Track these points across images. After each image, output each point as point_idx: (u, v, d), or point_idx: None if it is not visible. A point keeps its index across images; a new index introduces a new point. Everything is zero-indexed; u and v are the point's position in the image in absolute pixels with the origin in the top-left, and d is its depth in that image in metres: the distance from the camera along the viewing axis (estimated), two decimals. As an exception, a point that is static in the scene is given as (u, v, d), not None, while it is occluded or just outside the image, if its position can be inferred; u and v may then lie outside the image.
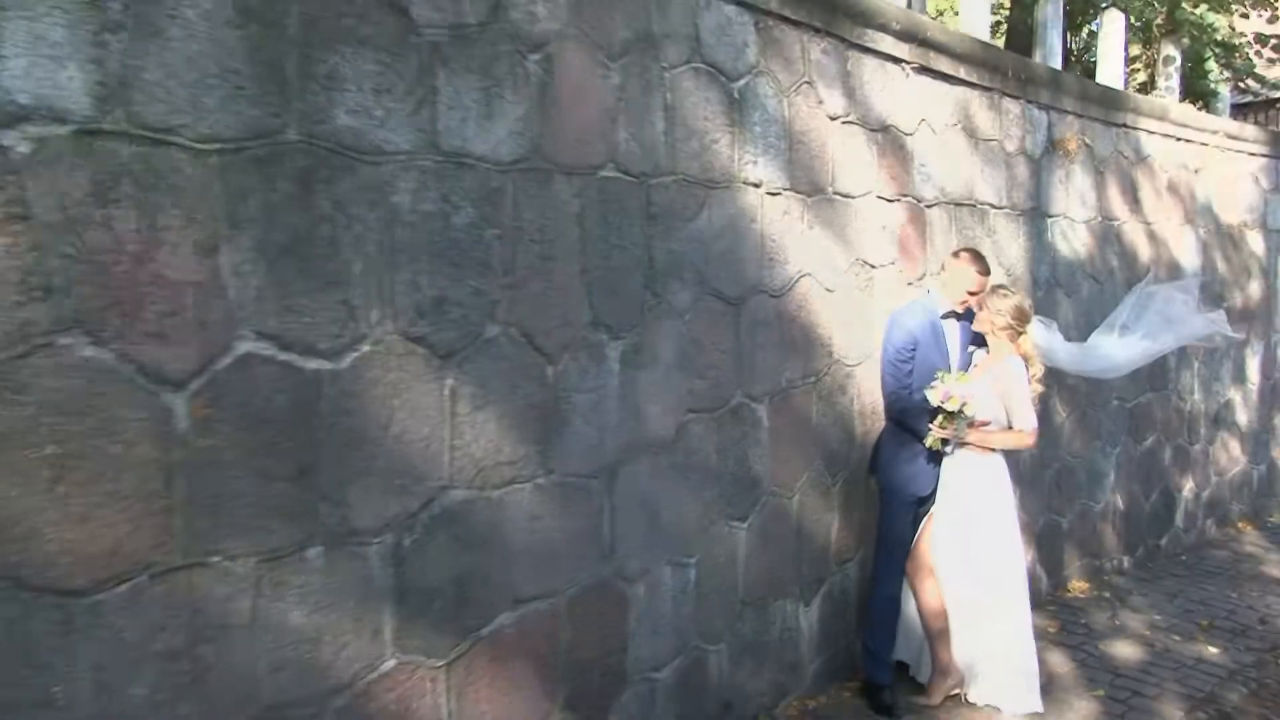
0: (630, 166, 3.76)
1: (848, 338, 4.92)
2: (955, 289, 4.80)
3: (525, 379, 3.40)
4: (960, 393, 4.50)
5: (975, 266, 4.77)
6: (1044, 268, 6.56)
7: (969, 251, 4.85)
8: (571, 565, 3.58)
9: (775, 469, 4.52)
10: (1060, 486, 6.81)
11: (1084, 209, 6.96)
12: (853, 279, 4.95)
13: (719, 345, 4.18)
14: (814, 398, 4.73)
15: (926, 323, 4.81)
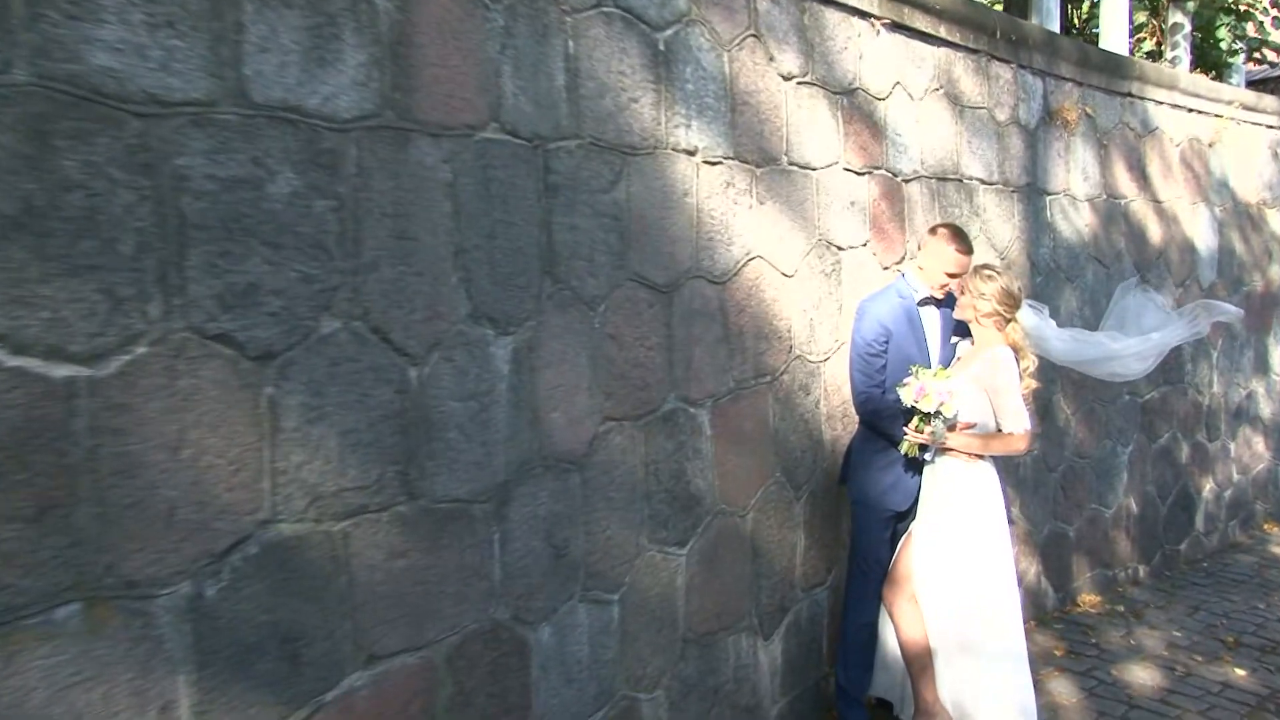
0: (520, 127, 3.05)
1: (811, 329, 4.18)
2: (933, 271, 4.05)
3: (379, 384, 2.69)
4: (937, 390, 3.75)
5: (955, 245, 4.02)
6: (1043, 250, 5.79)
7: (947, 227, 4.10)
8: (450, 609, 2.87)
9: (722, 483, 3.78)
10: (1067, 491, 6.02)
11: (1087, 185, 6.17)
12: (816, 262, 4.21)
13: (645, 341, 3.46)
14: (770, 399, 4.00)
15: (900, 311, 4.06)
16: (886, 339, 4.01)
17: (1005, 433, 3.88)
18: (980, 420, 3.89)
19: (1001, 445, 3.90)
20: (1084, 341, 4.62)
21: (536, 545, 3.10)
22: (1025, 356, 3.96)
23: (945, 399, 3.74)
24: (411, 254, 2.76)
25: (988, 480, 3.96)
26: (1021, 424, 3.85)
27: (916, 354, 4.03)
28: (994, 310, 3.90)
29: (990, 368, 3.84)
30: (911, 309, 4.07)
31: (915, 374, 3.81)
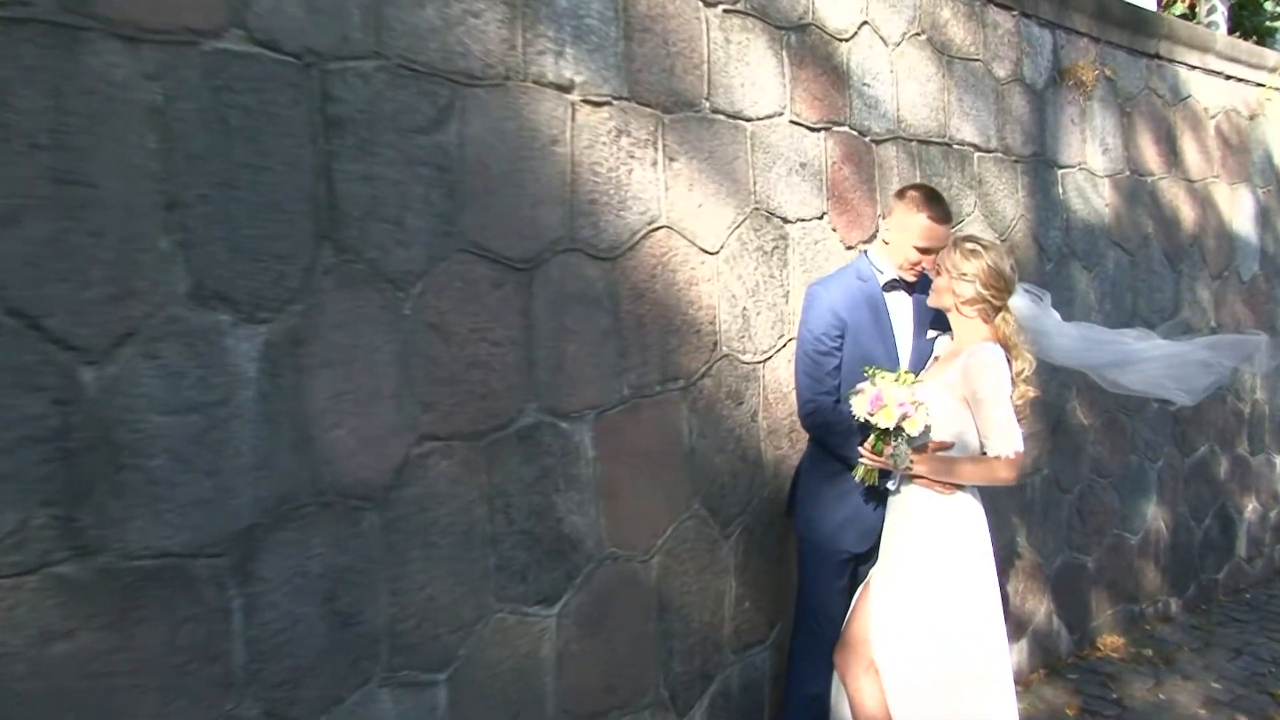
0: (282, 37, 2.11)
1: (745, 322, 3.21)
2: (901, 245, 3.06)
3: (22, 391, 1.78)
4: (898, 400, 2.75)
5: (927, 211, 3.02)
6: (1054, 233, 4.75)
7: (919, 190, 3.10)
8: (154, 709, 1.95)
9: (613, 521, 2.82)
10: (1084, 515, 4.97)
11: (1106, 159, 5.12)
12: (751, 237, 3.23)
13: (487, 333, 2.51)
14: (684, 411, 3.03)
15: (860, 297, 3.07)
16: (841, 332, 3.03)
17: (990, 456, 2.87)
18: (958, 439, 2.89)
19: (984, 473, 2.89)
20: (1098, 340, 3.53)
21: (307, 612, 2.16)
22: (1019, 356, 2.94)
23: (909, 411, 2.75)
24: (81, 207, 1.84)
25: (968, 516, 2.95)
26: (1010, 445, 2.84)
27: (880, 352, 3.04)
28: (978, 296, 2.89)
29: (971, 371, 2.84)
30: (875, 294, 3.08)
31: (871, 378, 2.82)
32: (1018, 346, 2.93)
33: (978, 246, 2.91)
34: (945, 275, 2.93)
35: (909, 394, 2.76)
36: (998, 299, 2.90)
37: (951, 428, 2.88)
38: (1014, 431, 2.83)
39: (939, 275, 2.97)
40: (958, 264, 2.89)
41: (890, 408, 2.74)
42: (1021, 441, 2.84)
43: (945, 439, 2.89)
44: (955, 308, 2.94)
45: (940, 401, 2.86)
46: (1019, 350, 2.93)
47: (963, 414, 2.86)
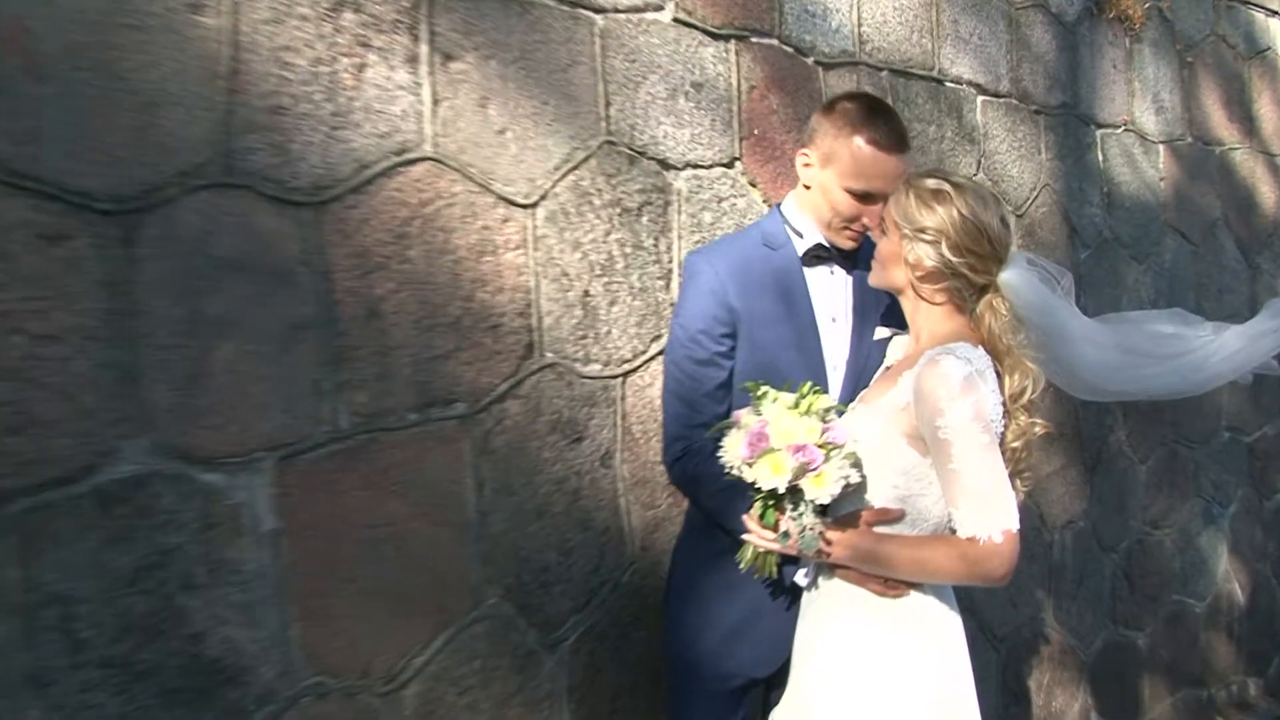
0: None
1: (588, 313, 1.98)
2: (828, 190, 1.80)
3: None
4: (794, 441, 1.51)
5: (867, 131, 1.76)
6: (1091, 210, 3.46)
7: (856, 103, 1.82)
8: None
9: (317, 633, 1.62)
10: (1134, 579, 3.63)
11: (1161, 120, 3.80)
12: (601, 186, 2.02)
13: (29, 322, 1.35)
14: (467, 451, 1.80)
15: (765, 276, 1.82)
16: (730, 331, 1.80)
17: (961, 537, 1.59)
18: (908, 505, 1.63)
19: (951, 565, 1.59)
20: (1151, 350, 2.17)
21: None
22: (1017, 368, 1.66)
23: (814, 460, 1.50)
24: None
25: (930, 630, 1.68)
26: (994, 520, 1.54)
27: (794, 361, 1.80)
28: (945, 266, 1.63)
29: (927, 392, 1.55)
30: (789, 271, 1.84)
31: (756, 402, 1.58)
32: (1013, 351, 1.66)
33: (943, 185, 1.65)
34: (892, 234, 1.68)
35: (815, 430, 1.51)
36: (978, 273, 1.64)
37: (896, 485, 1.63)
38: (1000, 495, 1.56)
39: (882, 235, 1.73)
40: (911, 215, 1.64)
41: (781, 455, 1.50)
42: (1015, 514, 1.57)
43: (887, 504, 1.64)
44: (910, 288, 1.69)
45: (878, 443, 1.62)
46: (1016, 358, 1.66)
47: (916, 463, 1.61)
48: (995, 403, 1.61)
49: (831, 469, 1.51)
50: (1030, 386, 1.65)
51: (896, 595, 1.65)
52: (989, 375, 1.61)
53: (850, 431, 1.57)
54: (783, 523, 1.56)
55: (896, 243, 1.66)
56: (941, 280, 1.64)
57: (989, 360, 1.64)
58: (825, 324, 1.84)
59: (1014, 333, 1.66)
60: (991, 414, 1.59)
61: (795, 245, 1.85)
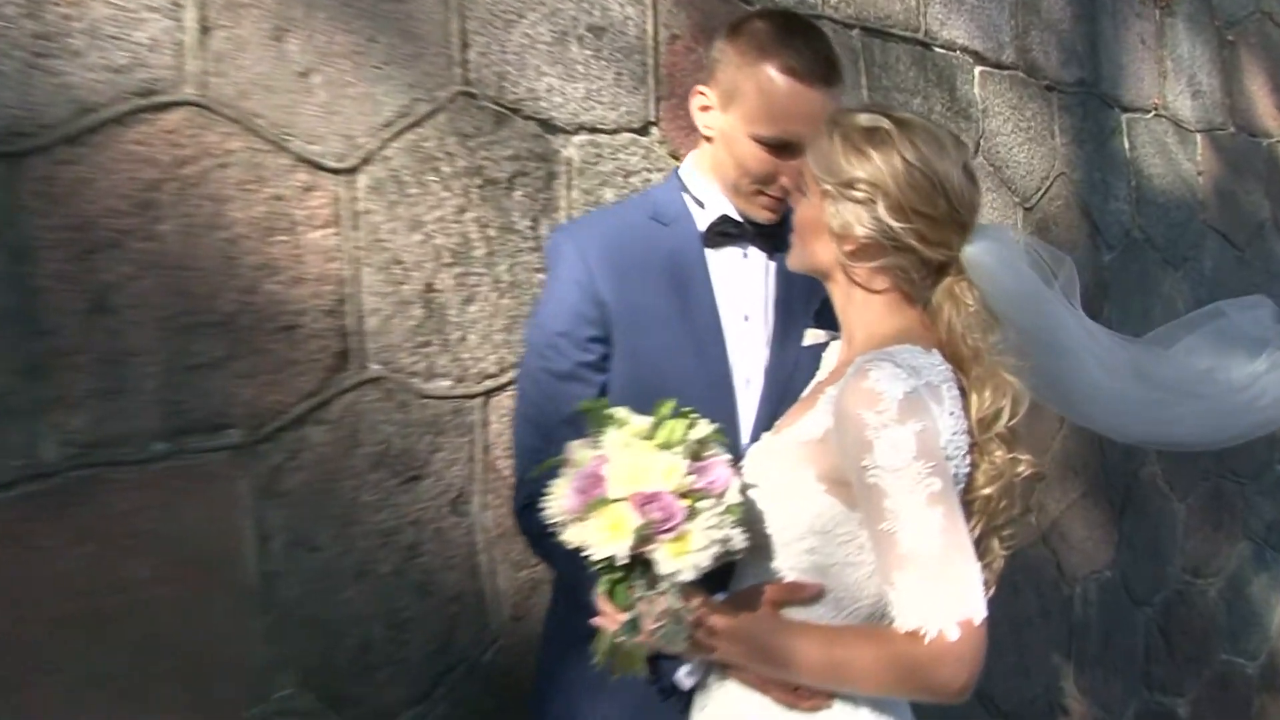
0: None
1: (432, 313, 1.47)
2: (733, 140, 1.28)
3: None
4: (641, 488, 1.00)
5: (777, 60, 1.23)
6: (1116, 205, 2.91)
7: (769, 21, 1.29)
8: None
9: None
10: (1172, 637, 3.03)
11: (1198, 105, 3.25)
12: (453, 150, 1.53)
13: None
14: (246, 493, 1.31)
15: (650, 259, 1.29)
16: (601, 332, 1.29)
17: (898, 630, 1.03)
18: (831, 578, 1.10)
19: (883, 669, 1.03)
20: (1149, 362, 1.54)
21: None
22: (987, 380, 1.11)
23: (670, 520, 0.99)
24: None
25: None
26: (947, 607, 0.99)
27: (689, 372, 1.29)
28: (880, 235, 1.10)
29: (850, 417, 1.03)
30: (684, 253, 1.32)
31: (595, 428, 1.07)
32: (984, 358, 1.12)
33: (881, 122, 1.11)
34: (812, 193, 1.16)
35: (676, 471, 1.00)
36: (932, 245, 1.11)
37: (812, 551, 1.10)
38: (956, 569, 1.01)
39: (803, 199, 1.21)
40: (836, 163, 1.11)
41: (621, 508, 0.99)
42: (978, 597, 1.03)
43: (801, 577, 1.12)
44: (838, 269, 1.17)
45: (785, 490, 1.10)
46: (988, 367, 1.12)
47: (839, 519, 1.08)
48: (955, 431, 1.08)
49: (698, 530, 0.99)
50: (1008, 408, 1.12)
51: (813, 707, 1.12)
52: (946, 392, 1.09)
53: (734, 474, 1.05)
54: (639, 604, 1.05)
55: (818, 205, 1.15)
56: (880, 256, 1.12)
57: (949, 370, 1.12)
58: (734, 324, 1.33)
59: (985, 331, 1.13)
60: (947, 447, 1.06)
61: (695, 219, 1.35)
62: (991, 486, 1.13)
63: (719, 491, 1.02)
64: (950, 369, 1.12)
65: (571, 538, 1.00)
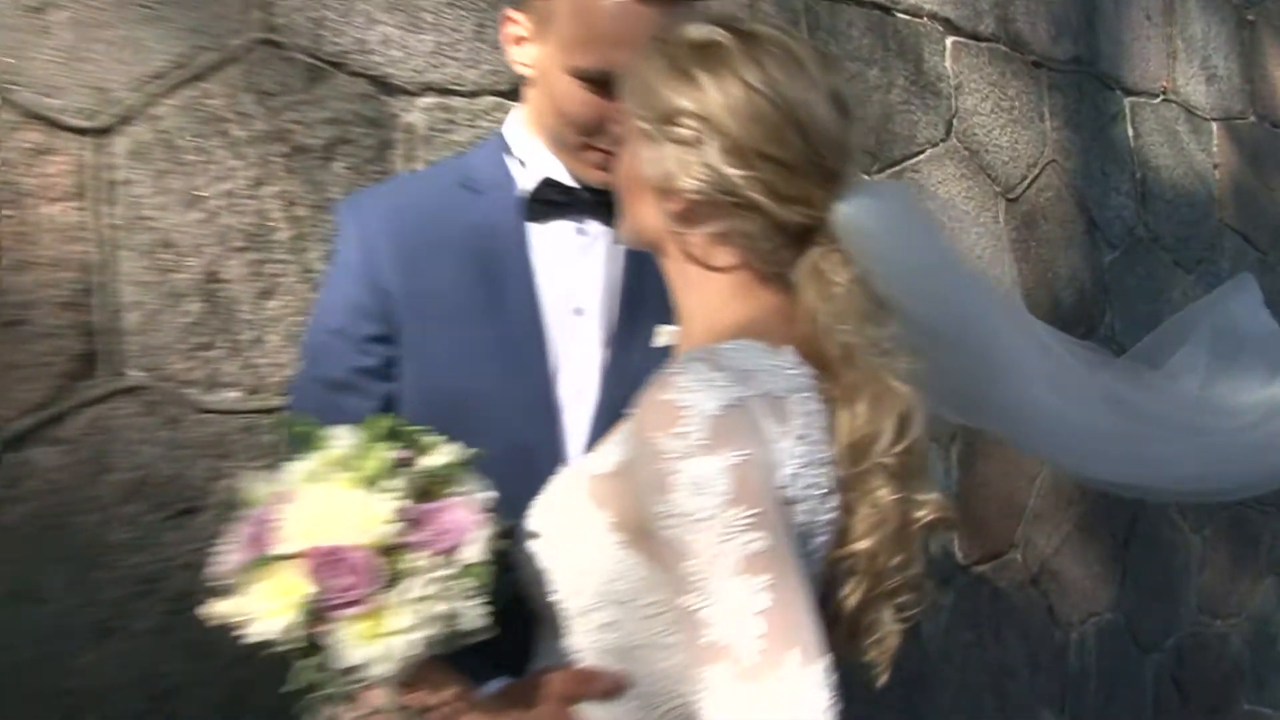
0: None
1: (218, 308, 1.17)
2: (550, 84, 0.97)
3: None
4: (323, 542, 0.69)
5: None
6: (1118, 200, 2.56)
7: None
8: None
9: None
10: (1186, 687, 2.65)
11: (1213, 90, 2.90)
12: (256, 113, 1.24)
13: None
14: None
15: (458, 238, 0.98)
16: (384, 330, 0.98)
17: None
18: (638, 661, 0.78)
19: None
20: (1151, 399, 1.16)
21: None
22: (861, 389, 0.77)
23: (354, 587, 0.67)
24: None
25: None
26: (771, 716, 0.68)
27: (496, 382, 0.97)
28: (713, 188, 0.77)
29: (643, 444, 0.72)
30: (498, 228, 1.00)
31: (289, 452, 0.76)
32: (858, 359, 0.78)
33: (716, 36, 0.79)
34: (631, 135, 0.85)
35: (376, 519, 0.69)
36: (786, 201, 0.77)
37: (611, 625, 0.78)
38: (786, 666, 0.65)
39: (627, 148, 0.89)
40: (654, 92, 0.79)
41: (289, 574, 0.67)
42: (821, 706, 0.69)
43: (600, 660, 0.79)
44: (667, 239, 0.84)
45: (572, 542, 0.79)
46: (865, 371, 0.79)
47: (644, 584, 0.76)
48: (806, 461, 0.75)
49: (401, 603, 0.68)
50: (892, 428, 0.79)
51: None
52: (796, 406, 0.76)
53: (482, 522, 0.73)
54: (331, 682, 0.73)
55: (636, 149, 0.83)
56: (716, 218, 0.80)
57: (806, 377, 0.79)
58: (562, 318, 1.01)
59: (863, 322, 0.80)
60: (791, 485, 0.73)
61: (513, 183, 1.03)
62: (873, 538, 0.80)
63: (447, 547, 0.70)
64: (809, 374, 0.79)
65: (225, 611, 0.69)
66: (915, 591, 0.87)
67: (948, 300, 0.85)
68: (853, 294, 0.80)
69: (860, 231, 0.80)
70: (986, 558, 2.12)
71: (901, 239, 0.82)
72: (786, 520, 0.72)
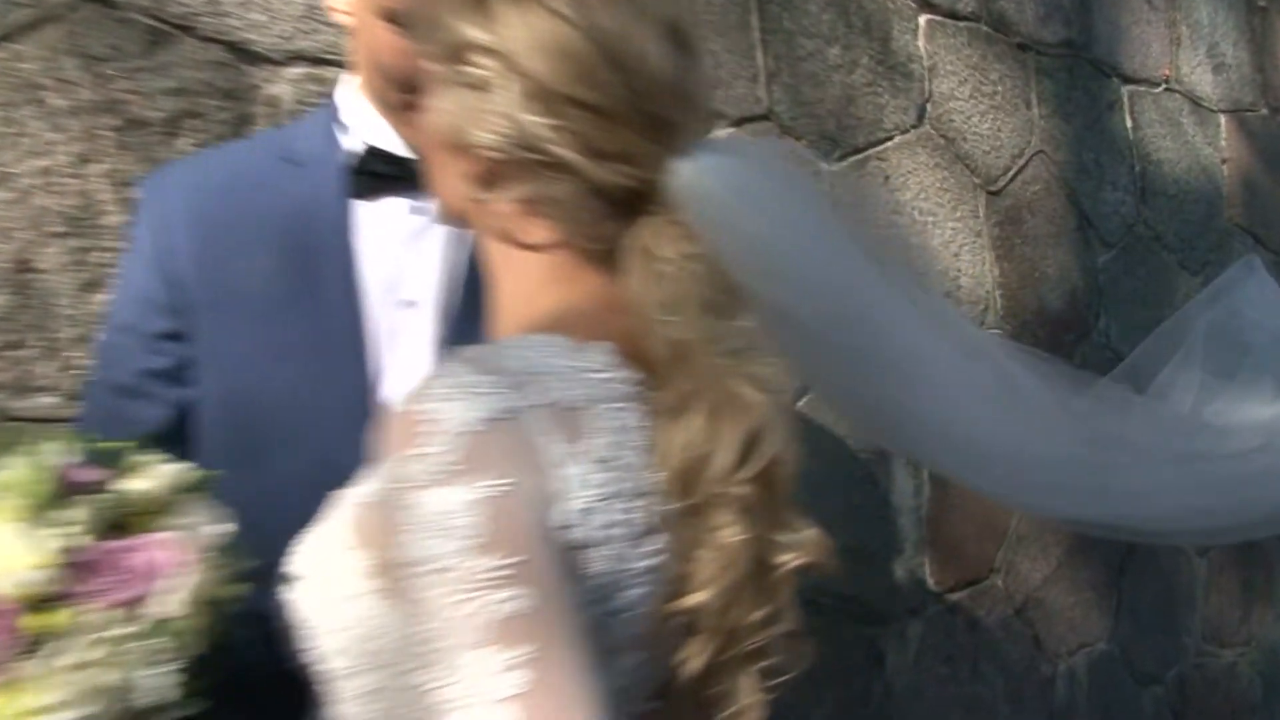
0: None
1: (25, 299, 1.00)
2: (367, 33, 0.81)
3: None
4: None
5: None
6: (1115, 195, 2.37)
7: None
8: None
9: None
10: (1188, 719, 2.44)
11: (1222, 80, 2.70)
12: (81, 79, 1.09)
13: None
14: None
15: (270, 219, 0.84)
16: (177, 326, 0.83)
17: None
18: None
19: None
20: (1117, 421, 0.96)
21: None
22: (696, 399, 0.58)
23: None
24: None
25: None
26: None
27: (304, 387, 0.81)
28: (511, 141, 0.59)
29: (387, 476, 0.55)
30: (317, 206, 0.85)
31: None
32: (694, 358, 0.61)
33: None
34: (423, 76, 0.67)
35: (22, 565, 0.52)
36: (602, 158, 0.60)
37: (375, 696, 0.61)
38: None
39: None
40: (444, 26, 0.63)
41: None
42: None
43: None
44: (470, 212, 0.67)
45: (327, 590, 0.62)
46: (705, 374, 0.61)
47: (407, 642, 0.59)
48: (610, 493, 0.57)
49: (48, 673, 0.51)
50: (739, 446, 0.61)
51: None
52: (602, 419, 0.58)
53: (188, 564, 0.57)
54: None
55: (429, 98, 0.66)
56: (522, 181, 0.63)
57: (622, 383, 0.61)
58: (389, 312, 0.85)
59: (703, 311, 0.62)
60: (581, 526, 0.55)
61: (337, 152, 0.87)
62: (716, 587, 0.62)
63: (129, 598, 0.53)
64: (630, 380, 0.62)
65: None
66: (786, 653, 0.69)
67: (827, 286, 0.67)
68: (689, 277, 0.62)
69: (705, 198, 0.63)
70: (963, 584, 1.93)
71: (760, 206, 0.64)
72: (570, 570, 0.54)
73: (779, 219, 0.65)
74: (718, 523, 0.62)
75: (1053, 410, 0.87)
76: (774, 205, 0.65)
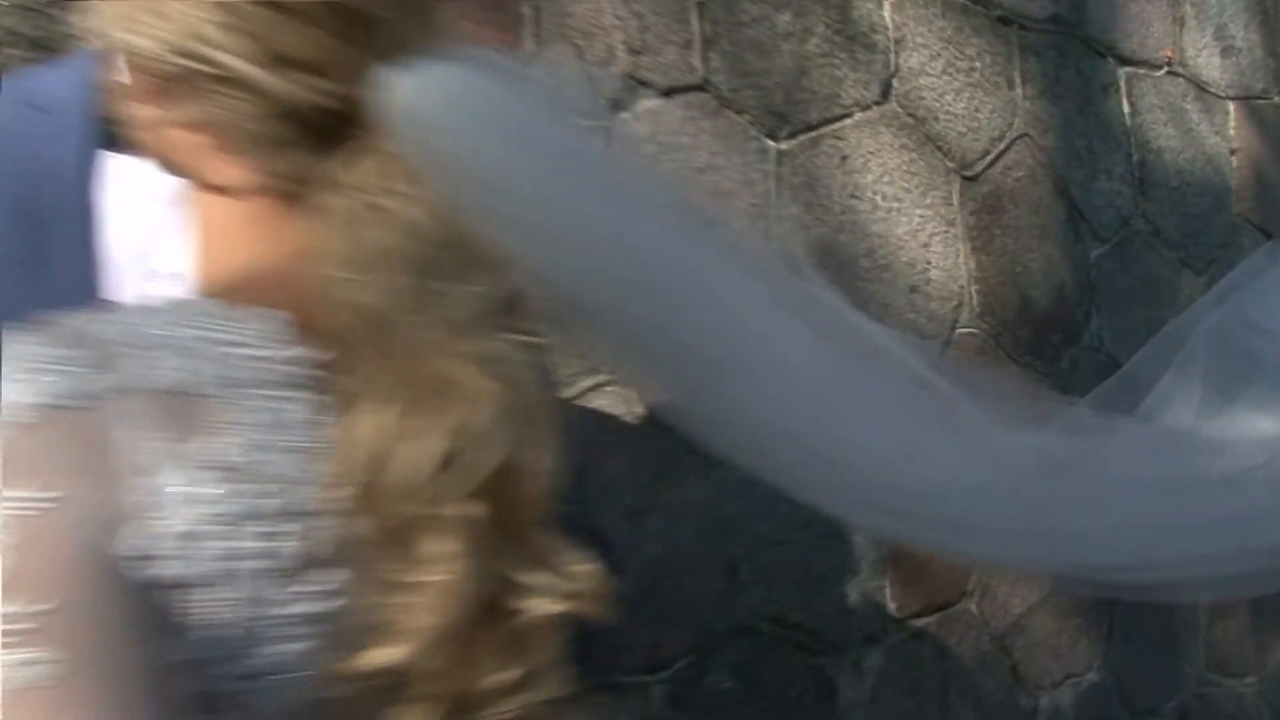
0: None
1: None
2: None
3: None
4: None
5: None
6: (1109, 185, 2.18)
7: None
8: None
9: None
10: (1189, 757, 2.23)
11: (1230, 65, 2.50)
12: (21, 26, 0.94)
13: None
14: None
15: (10, 170, 0.72)
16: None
17: None
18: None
19: None
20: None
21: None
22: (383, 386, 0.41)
23: None
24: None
25: None
26: None
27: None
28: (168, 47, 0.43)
29: None
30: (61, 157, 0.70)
31: None
32: (391, 326, 0.44)
33: None
34: None
35: None
36: (285, 68, 0.43)
37: None
38: None
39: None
40: None
41: None
42: None
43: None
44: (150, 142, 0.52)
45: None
46: (394, 353, 0.44)
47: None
48: (220, 513, 0.40)
49: None
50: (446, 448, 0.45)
51: None
52: (238, 416, 0.42)
53: None
54: None
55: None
56: (190, 100, 0.47)
57: (289, 363, 0.44)
58: (136, 283, 0.69)
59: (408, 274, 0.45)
60: (172, 558, 0.39)
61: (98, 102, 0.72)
62: (416, 641, 0.45)
63: None
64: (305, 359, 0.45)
65: None
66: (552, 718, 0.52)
67: (599, 241, 0.51)
68: (393, 224, 0.46)
69: (425, 121, 0.46)
70: (930, 609, 1.75)
71: (501, 134, 0.48)
72: (147, 619, 0.38)
73: (528, 150, 0.49)
74: (426, 554, 0.45)
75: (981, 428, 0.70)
76: (522, 134, 0.49)
